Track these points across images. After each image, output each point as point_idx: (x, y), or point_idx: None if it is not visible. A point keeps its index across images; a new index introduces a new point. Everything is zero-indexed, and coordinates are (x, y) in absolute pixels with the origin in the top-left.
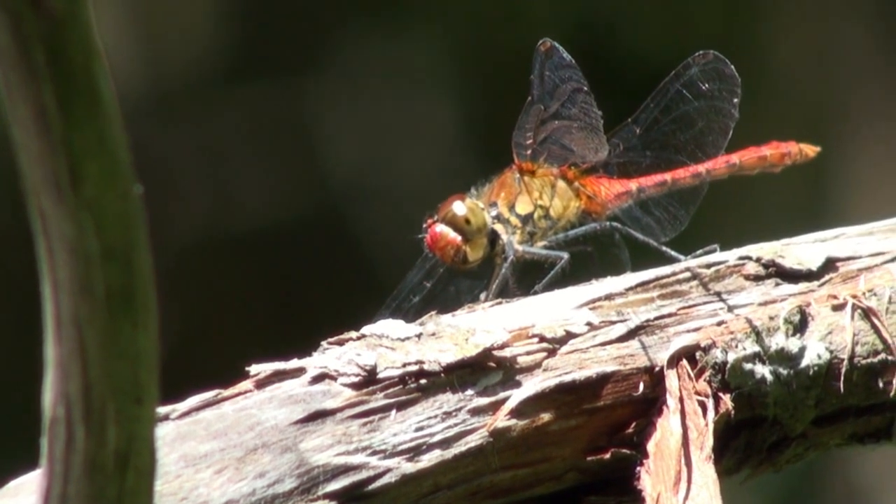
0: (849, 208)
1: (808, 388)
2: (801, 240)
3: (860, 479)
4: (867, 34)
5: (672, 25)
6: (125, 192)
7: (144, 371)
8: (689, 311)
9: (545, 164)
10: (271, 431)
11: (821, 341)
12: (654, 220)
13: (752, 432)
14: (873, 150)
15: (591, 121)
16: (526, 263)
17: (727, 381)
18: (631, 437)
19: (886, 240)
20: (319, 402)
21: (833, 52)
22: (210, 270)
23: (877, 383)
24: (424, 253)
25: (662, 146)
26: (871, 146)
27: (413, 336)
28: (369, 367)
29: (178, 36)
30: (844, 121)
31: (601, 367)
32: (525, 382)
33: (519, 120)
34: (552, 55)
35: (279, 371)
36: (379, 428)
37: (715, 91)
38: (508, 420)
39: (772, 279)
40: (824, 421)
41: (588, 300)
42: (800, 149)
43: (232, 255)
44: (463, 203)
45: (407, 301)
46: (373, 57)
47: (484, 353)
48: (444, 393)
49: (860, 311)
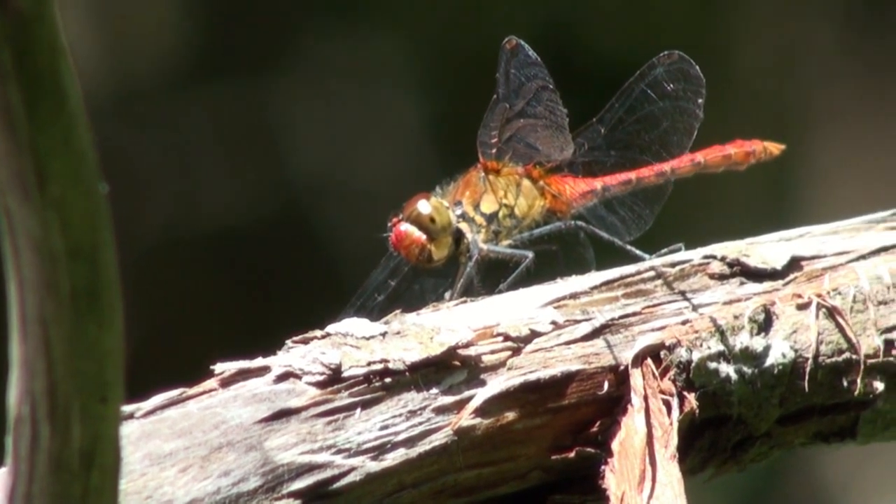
0: (813, 207)
1: (772, 386)
2: (765, 239)
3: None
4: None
5: (636, 24)
6: (91, 191)
7: (110, 370)
8: (654, 310)
9: (510, 162)
10: (236, 430)
11: (785, 340)
12: (619, 219)
13: (716, 431)
14: (837, 148)
15: (557, 119)
16: (491, 262)
17: (692, 380)
18: (595, 435)
19: (851, 239)
20: (284, 401)
21: (797, 50)
22: (175, 269)
23: (841, 382)
24: (389, 251)
25: (627, 146)
26: (835, 145)
27: (378, 335)
28: (334, 365)
29: (143, 35)
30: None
31: (566, 366)
32: (490, 381)
33: (484, 118)
34: (518, 53)
35: (244, 370)
36: (343, 426)
37: (679, 91)
38: (473, 419)
39: (736, 278)
40: (789, 420)
41: (553, 299)
42: (764, 147)
43: (197, 253)
44: (428, 202)
45: (372, 300)
46: (337, 56)
47: (449, 352)
48: (408, 392)
49: (825, 310)
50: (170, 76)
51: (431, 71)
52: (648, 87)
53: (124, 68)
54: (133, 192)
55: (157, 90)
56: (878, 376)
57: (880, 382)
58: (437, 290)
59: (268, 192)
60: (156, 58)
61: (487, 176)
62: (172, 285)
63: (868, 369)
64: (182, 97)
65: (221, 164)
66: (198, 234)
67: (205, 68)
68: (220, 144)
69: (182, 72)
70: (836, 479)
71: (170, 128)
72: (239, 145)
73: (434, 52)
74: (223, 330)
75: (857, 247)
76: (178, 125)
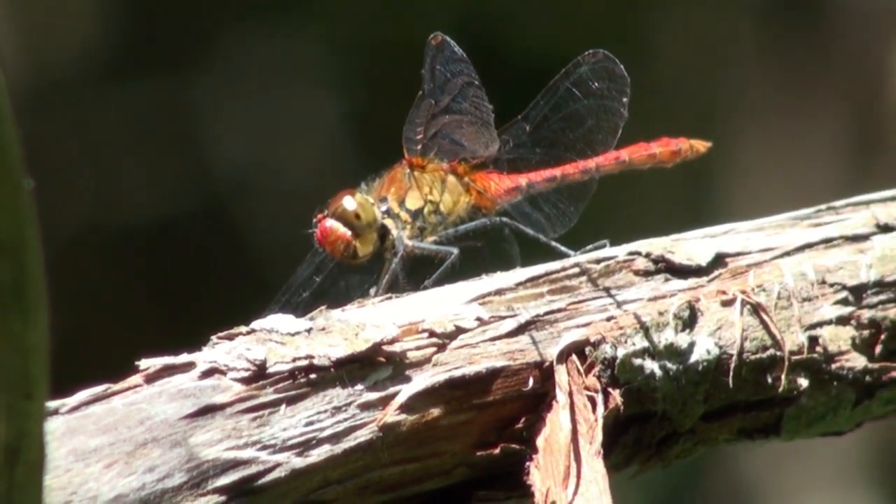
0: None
1: (697, 383)
2: (690, 235)
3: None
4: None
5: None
6: (15, 187)
7: (35, 366)
8: (579, 307)
9: (435, 159)
10: (161, 426)
11: (710, 337)
12: (544, 216)
13: (641, 427)
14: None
15: (483, 115)
16: (416, 258)
17: (616, 377)
18: (520, 432)
19: (776, 235)
20: (209, 397)
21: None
22: (97, 265)
23: (765, 379)
24: (314, 248)
25: (552, 143)
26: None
27: (303, 331)
28: (259, 361)
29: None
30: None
31: (491, 362)
32: (415, 377)
33: (409, 115)
34: (444, 49)
35: (169, 365)
36: (269, 423)
37: (604, 90)
38: (398, 415)
39: (661, 274)
40: (713, 416)
41: (478, 295)
42: (691, 145)
43: (119, 249)
44: (353, 198)
45: (297, 296)
46: (258, 52)
47: (374, 348)
48: (333, 388)
49: (749, 306)
50: (90, 70)
51: (352, 68)
52: (573, 86)
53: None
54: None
55: (78, 84)
56: (803, 373)
57: (804, 379)
58: (362, 286)
59: (189, 189)
60: (76, 52)
61: (413, 172)
62: (95, 281)
63: (792, 366)
64: (103, 92)
65: (142, 159)
66: (119, 230)
67: (126, 63)
68: (141, 140)
69: (103, 66)
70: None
71: (90, 122)
72: (160, 141)
73: (354, 49)
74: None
75: (782, 243)
76: (99, 120)
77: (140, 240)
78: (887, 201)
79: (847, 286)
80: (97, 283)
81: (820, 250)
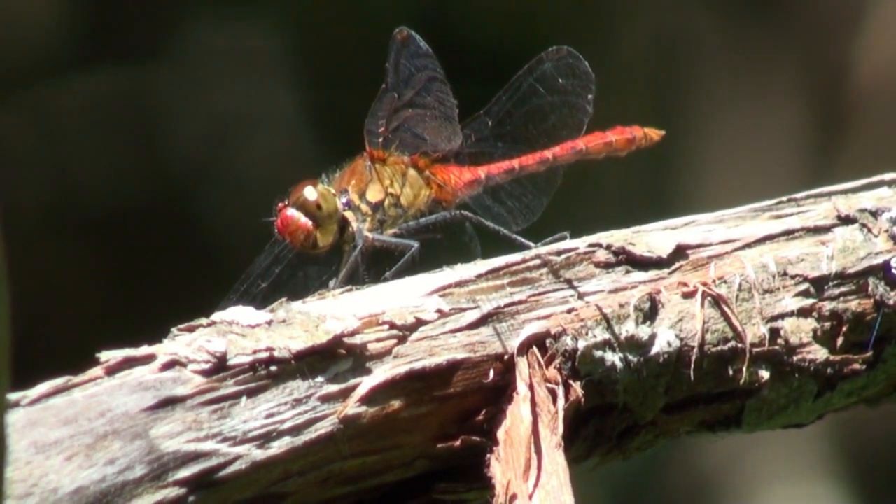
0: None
1: (658, 375)
2: (651, 227)
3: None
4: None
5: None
6: None
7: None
8: (540, 299)
9: (397, 152)
10: (122, 418)
11: (671, 329)
12: (506, 210)
13: (601, 420)
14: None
15: (446, 110)
16: (376, 251)
17: (577, 369)
18: (481, 424)
19: (737, 227)
20: (170, 389)
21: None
22: (56, 256)
23: (727, 371)
24: (273, 237)
25: (515, 139)
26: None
27: (263, 323)
28: (220, 353)
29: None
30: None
31: (451, 355)
32: (375, 370)
33: (372, 107)
34: (409, 44)
35: (129, 358)
36: (229, 415)
37: (568, 87)
38: (358, 407)
39: (622, 266)
40: (674, 408)
41: (438, 287)
42: (644, 133)
43: (78, 240)
44: (314, 188)
45: (255, 286)
46: (217, 42)
47: (334, 341)
48: (294, 380)
49: (710, 298)
50: (48, 59)
51: (312, 59)
52: (537, 82)
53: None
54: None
55: (35, 73)
56: (764, 365)
57: (766, 371)
58: (320, 277)
59: (148, 178)
60: (35, 38)
61: (374, 165)
62: (54, 272)
63: (753, 358)
64: (60, 80)
65: (101, 149)
66: (78, 220)
67: (85, 52)
68: (100, 129)
69: (61, 54)
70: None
71: (47, 111)
72: (119, 131)
73: (314, 40)
74: (108, 318)
75: (743, 235)
76: (56, 109)
77: (99, 230)
78: (848, 193)
79: (808, 278)
80: (57, 274)
81: (781, 242)
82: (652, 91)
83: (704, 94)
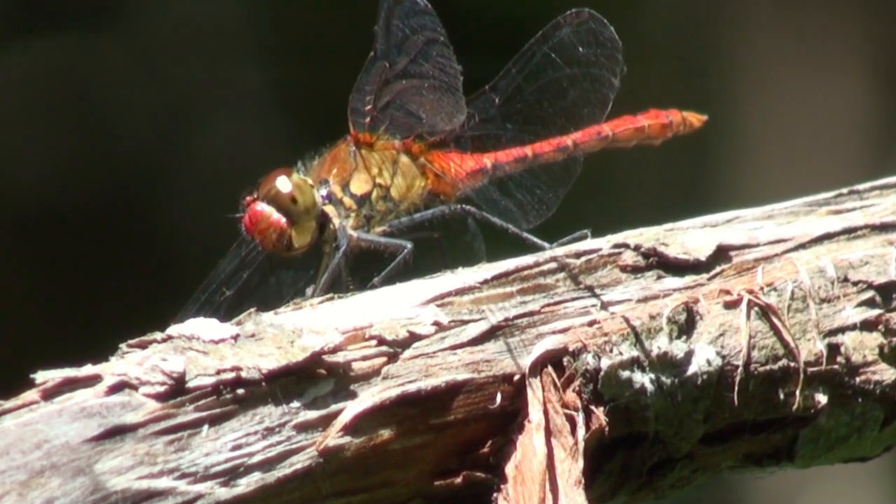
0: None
1: (695, 399)
2: (687, 224)
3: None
4: None
5: None
6: None
7: None
8: (556, 309)
9: (386, 135)
10: (61, 450)
11: (711, 345)
12: (516, 204)
13: (629, 452)
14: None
15: (448, 79)
16: (362, 253)
17: (600, 392)
18: (486, 457)
19: (788, 225)
20: (118, 416)
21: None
22: None
23: (776, 394)
24: (241, 237)
25: (527, 119)
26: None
27: (229, 338)
28: (177, 374)
29: None
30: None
31: (451, 375)
32: (361, 393)
33: (357, 81)
34: (403, 1)
35: (70, 379)
36: (188, 446)
37: (591, 56)
38: (341, 437)
39: (653, 271)
40: (715, 439)
41: (436, 295)
42: (683, 118)
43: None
44: (288, 179)
45: (218, 295)
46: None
47: (312, 358)
48: (265, 405)
49: (757, 309)
50: None
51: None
52: (553, 51)
53: None
54: None
55: None
56: (821, 387)
57: (823, 395)
58: (296, 284)
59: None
60: None
61: (359, 151)
62: None
63: (808, 379)
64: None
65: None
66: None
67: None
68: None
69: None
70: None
71: None
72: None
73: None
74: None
75: (796, 234)
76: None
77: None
78: None
79: (873, 285)
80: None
81: (841, 242)
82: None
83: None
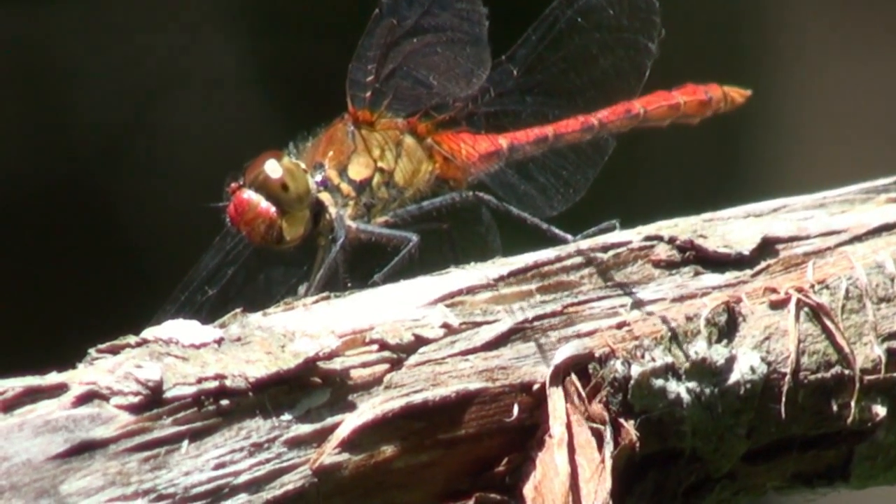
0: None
1: (737, 412)
2: (728, 214)
3: None
4: None
5: None
6: None
7: None
8: (580, 309)
9: (389, 111)
10: (23, 469)
11: (755, 350)
12: (538, 188)
13: (663, 471)
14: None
15: (473, 29)
16: (362, 246)
17: (630, 403)
18: (502, 477)
19: (842, 215)
20: (87, 431)
21: None
22: None
23: (829, 406)
24: (225, 228)
25: (549, 92)
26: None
27: (211, 342)
28: (153, 383)
29: None
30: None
31: (462, 384)
32: (361, 404)
33: (359, 46)
34: None
35: (32, 388)
36: (166, 465)
37: (623, 20)
38: (338, 454)
39: (690, 267)
40: (759, 456)
41: (444, 294)
42: (724, 93)
43: None
44: (279, 163)
45: (200, 294)
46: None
47: (306, 366)
48: (252, 418)
49: (807, 309)
50: None
51: None
52: (579, 15)
53: None
54: None
55: None
56: (879, 398)
57: (881, 406)
58: (288, 281)
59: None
60: None
61: (358, 130)
62: None
63: (865, 388)
64: None
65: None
66: None
67: None
68: None
69: None
70: None
71: None
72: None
73: None
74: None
75: (851, 225)
76: None
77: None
78: None
79: None
80: None
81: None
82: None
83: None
